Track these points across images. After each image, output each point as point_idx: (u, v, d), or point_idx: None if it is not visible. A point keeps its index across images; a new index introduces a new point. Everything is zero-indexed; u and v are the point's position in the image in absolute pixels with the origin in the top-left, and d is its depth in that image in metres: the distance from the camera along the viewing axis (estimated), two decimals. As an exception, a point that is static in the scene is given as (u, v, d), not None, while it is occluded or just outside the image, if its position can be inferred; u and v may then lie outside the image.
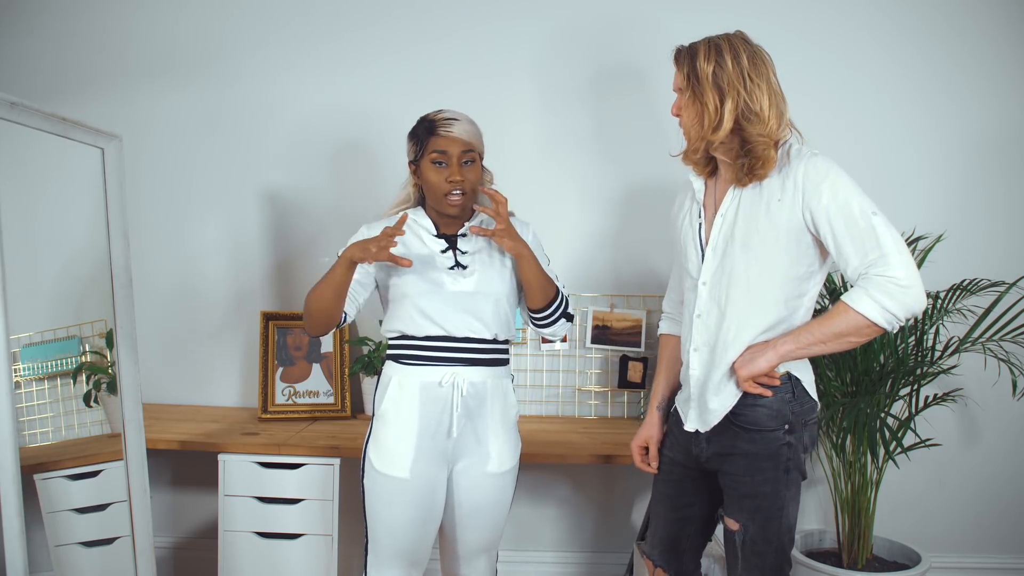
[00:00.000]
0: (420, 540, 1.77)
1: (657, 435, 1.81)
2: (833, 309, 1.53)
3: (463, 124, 1.78)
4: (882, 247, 1.46)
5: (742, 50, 1.56)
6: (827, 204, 1.49)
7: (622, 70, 2.69)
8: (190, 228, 2.77)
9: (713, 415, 1.63)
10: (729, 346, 1.60)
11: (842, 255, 1.50)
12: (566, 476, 2.76)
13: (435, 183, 1.77)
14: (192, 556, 2.77)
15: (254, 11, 2.72)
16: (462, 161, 1.76)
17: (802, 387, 1.61)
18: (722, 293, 1.61)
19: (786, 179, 1.54)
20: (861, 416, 2.12)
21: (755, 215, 1.57)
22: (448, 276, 1.78)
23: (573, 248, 2.72)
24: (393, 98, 2.68)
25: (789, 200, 1.53)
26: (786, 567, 1.64)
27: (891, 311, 1.45)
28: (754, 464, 1.59)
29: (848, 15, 2.64)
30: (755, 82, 1.54)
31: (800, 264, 1.57)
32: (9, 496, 1.61)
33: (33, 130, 1.72)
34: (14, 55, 2.73)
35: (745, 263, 1.57)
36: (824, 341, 1.52)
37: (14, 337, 1.76)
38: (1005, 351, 2.30)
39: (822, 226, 1.51)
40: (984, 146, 2.66)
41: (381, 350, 2.61)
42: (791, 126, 1.61)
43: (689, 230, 1.70)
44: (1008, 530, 2.74)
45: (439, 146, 1.76)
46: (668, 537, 1.78)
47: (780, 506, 1.60)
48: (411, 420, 1.74)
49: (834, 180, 1.50)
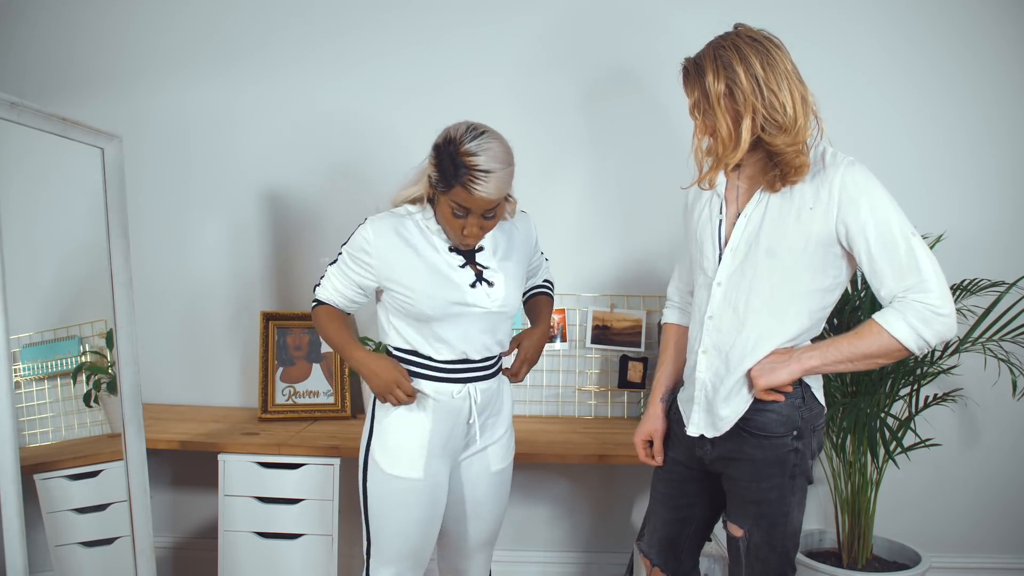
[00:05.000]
0: (427, 539, 1.75)
1: (661, 428, 1.75)
2: (864, 328, 1.47)
3: (497, 178, 1.54)
4: (922, 272, 1.42)
5: (751, 54, 1.45)
6: (865, 220, 1.44)
7: (622, 68, 2.68)
8: (190, 228, 2.77)
9: (724, 422, 1.57)
10: (747, 356, 1.54)
11: (877, 275, 1.45)
12: (566, 476, 2.76)
13: (450, 226, 1.63)
14: (192, 556, 2.77)
15: (254, 11, 2.71)
16: (485, 215, 1.60)
17: (811, 393, 1.56)
18: (740, 298, 1.54)
19: (820, 187, 1.47)
20: (861, 416, 2.12)
21: (783, 221, 1.50)
22: (471, 295, 1.67)
23: (573, 248, 2.72)
24: (393, 97, 2.68)
25: (823, 209, 1.47)
26: (789, 572, 1.61)
27: (925, 338, 1.42)
28: (760, 470, 1.55)
29: (848, 15, 2.64)
30: (773, 88, 1.45)
31: (826, 275, 1.51)
32: (9, 496, 1.61)
33: (33, 130, 1.72)
34: (14, 55, 2.73)
35: (769, 270, 1.51)
36: (852, 360, 1.47)
37: (14, 337, 1.76)
38: (1005, 351, 2.30)
39: (857, 242, 1.45)
40: (984, 146, 2.66)
41: (380, 350, 2.61)
42: (815, 113, 1.51)
43: (708, 225, 1.61)
44: (1008, 530, 2.74)
45: (462, 200, 1.56)
46: (666, 537, 1.75)
47: (785, 512, 1.56)
48: (423, 421, 1.70)
49: (873, 195, 1.45)
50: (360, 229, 1.68)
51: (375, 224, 1.68)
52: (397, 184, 1.74)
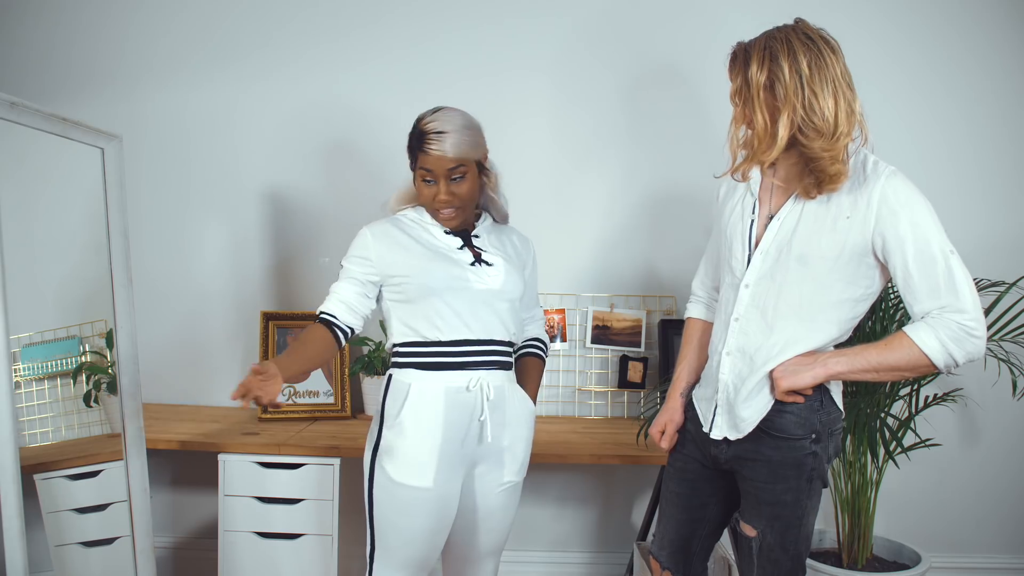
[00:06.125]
0: (434, 547, 1.72)
1: (679, 420, 1.72)
2: (894, 340, 1.45)
3: (451, 137, 1.64)
4: (958, 292, 1.40)
5: (801, 51, 1.42)
6: (904, 235, 1.42)
7: (632, 68, 2.69)
8: (190, 228, 2.77)
9: (746, 423, 1.55)
10: (772, 359, 1.52)
11: (911, 290, 1.43)
12: (566, 476, 2.76)
13: (425, 198, 1.70)
14: (192, 556, 2.78)
15: (253, 11, 2.72)
16: (451, 178, 1.67)
17: (830, 396, 1.55)
18: (769, 304, 1.52)
19: (859, 196, 1.45)
20: (861, 416, 2.12)
21: (818, 229, 1.47)
22: (472, 273, 1.70)
23: (573, 248, 2.72)
24: (392, 97, 2.68)
25: (860, 219, 1.44)
26: (800, 574, 1.59)
27: (955, 356, 1.41)
28: (777, 472, 1.53)
29: (848, 15, 2.64)
30: (816, 89, 1.41)
31: (858, 286, 1.49)
32: (9, 496, 1.61)
33: (33, 130, 1.72)
34: (14, 55, 2.73)
35: (799, 277, 1.49)
36: (878, 370, 1.46)
37: (14, 337, 1.76)
38: (1005, 351, 2.30)
39: (894, 255, 1.43)
40: (984, 146, 2.66)
41: (381, 350, 2.61)
42: (861, 123, 1.47)
43: (739, 224, 1.59)
44: (1008, 530, 2.74)
45: (425, 163, 1.66)
46: (679, 538, 1.71)
47: (800, 515, 1.54)
48: (435, 428, 1.66)
49: (914, 209, 1.42)
50: (358, 235, 1.75)
51: (372, 226, 1.75)
52: (394, 192, 1.84)
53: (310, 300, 2.75)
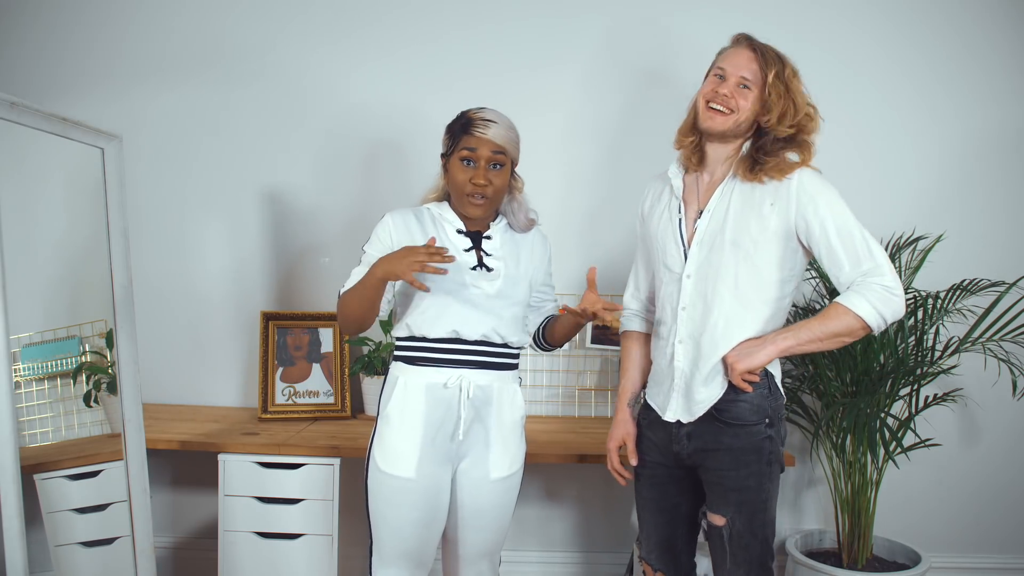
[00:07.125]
0: (425, 541, 1.76)
1: (633, 431, 1.82)
2: (830, 311, 1.61)
3: (499, 127, 1.74)
4: (875, 258, 1.59)
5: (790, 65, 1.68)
6: (824, 215, 1.60)
7: (639, 68, 2.69)
8: (190, 228, 2.77)
9: (699, 406, 1.67)
10: (719, 340, 1.65)
11: (836, 262, 1.61)
12: (566, 476, 2.76)
13: (460, 181, 1.74)
14: (192, 556, 2.77)
15: (253, 11, 2.72)
16: (491, 163, 1.74)
17: (775, 383, 1.68)
18: (709, 287, 1.66)
19: (779, 187, 1.63)
20: (861, 416, 2.12)
21: (746, 216, 1.64)
22: (470, 277, 1.75)
23: (574, 248, 2.72)
24: (393, 96, 2.68)
25: (782, 206, 1.62)
26: (769, 559, 1.68)
27: (883, 316, 1.58)
28: (739, 458, 1.64)
29: (848, 16, 2.64)
30: (795, 92, 1.66)
31: (784, 268, 1.66)
32: (9, 496, 1.61)
33: (33, 130, 1.72)
34: (14, 55, 2.73)
35: (734, 260, 1.64)
36: (821, 339, 1.61)
37: (14, 337, 1.76)
38: (1005, 351, 2.30)
39: (815, 234, 1.61)
40: (984, 146, 2.67)
41: (381, 350, 2.61)
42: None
43: (669, 225, 1.74)
44: (1008, 530, 2.74)
45: (470, 144, 1.73)
46: (662, 540, 1.80)
47: (764, 499, 1.65)
48: (416, 421, 1.72)
49: (828, 195, 1.62)
50: (380, 220, 1.81)
51: (393, 213, 1.82)
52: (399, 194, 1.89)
53: (310, 300, 2.75)
